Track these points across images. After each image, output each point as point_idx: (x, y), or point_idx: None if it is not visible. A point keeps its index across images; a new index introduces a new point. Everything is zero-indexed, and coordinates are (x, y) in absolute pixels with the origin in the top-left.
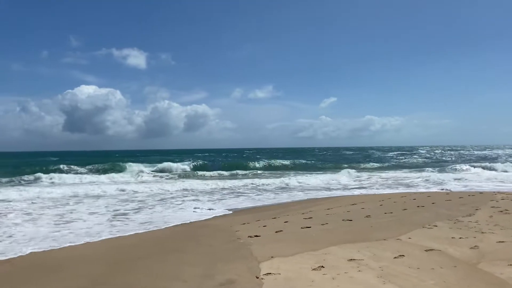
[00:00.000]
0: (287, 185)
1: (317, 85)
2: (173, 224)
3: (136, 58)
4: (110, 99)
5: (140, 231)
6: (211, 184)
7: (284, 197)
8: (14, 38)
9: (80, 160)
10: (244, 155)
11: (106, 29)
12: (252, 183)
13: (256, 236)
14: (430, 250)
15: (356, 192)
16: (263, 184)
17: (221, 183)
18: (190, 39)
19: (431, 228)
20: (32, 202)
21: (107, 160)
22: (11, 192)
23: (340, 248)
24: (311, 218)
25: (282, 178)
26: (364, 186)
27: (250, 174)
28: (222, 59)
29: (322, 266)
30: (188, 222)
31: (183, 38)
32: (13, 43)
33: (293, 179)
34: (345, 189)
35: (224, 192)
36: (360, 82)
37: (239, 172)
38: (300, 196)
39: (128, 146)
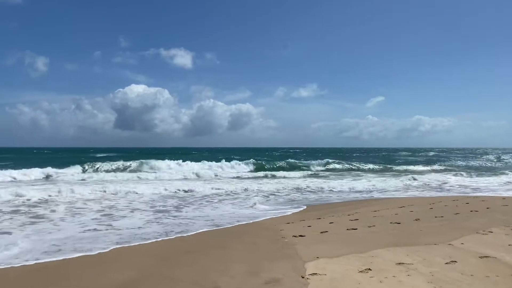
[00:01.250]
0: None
1: (363, 83)
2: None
3: (183, 58)
4: (158, 98)
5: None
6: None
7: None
8: (68, 39)
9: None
10: (304, 154)
11: (154, 29)
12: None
13: (301, 236)
14: (484, 257)
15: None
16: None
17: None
18: (234, 39)
19: (485, 234)
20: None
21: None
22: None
23: (388, 251)
24: (357, 220)
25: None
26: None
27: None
28: (266, 58)
29: (369, 269)
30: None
31: (228, 38)
32: (68, 44)
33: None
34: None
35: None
36: (409, 80)
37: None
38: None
39: (174, 143)
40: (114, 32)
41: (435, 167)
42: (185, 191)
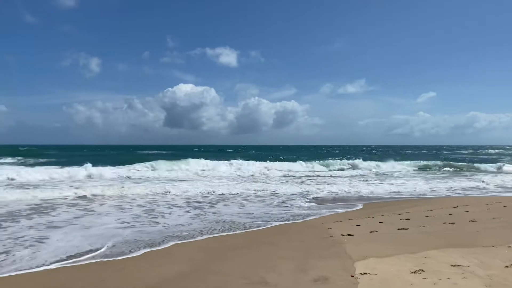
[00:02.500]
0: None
1: (414, 78)
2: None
3: (228, 57)
4: (205, 96)
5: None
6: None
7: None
8: (119, 40)
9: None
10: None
11: (199, 29)
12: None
13: (350, 234)
14: None
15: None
16: None
17: None
18: (279, 35)
19: None
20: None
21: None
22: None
23: (442, 252)
24: (408, 219)
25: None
26: None
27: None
28: (312, 54)
29: (422, 270)
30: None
31: (272, 35)
32: (118, 45)
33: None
34: None
35: None
36: (463, 74)
37: None
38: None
39: (220, 141)
40: (161, 32)
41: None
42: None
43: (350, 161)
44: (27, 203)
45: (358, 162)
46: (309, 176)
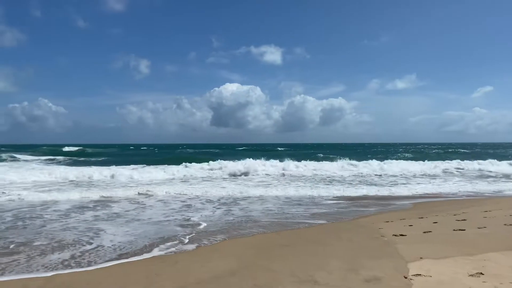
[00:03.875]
0: None
1: (468, 72)
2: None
3: (273, 54)
4: (251, 95)
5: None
6: None
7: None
8: (166, 42)
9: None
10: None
11: (243, 28)
12: None
13: (402, 235)
14: None
15: None
16: None
17: None
18: (324, 32)
19: None
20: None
21: None
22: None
23: (503, 255)
24: (464, 220)
25: None
26: None
27: None
28: (358, 49)
29: (481, 273)
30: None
31: (317, 32)
32: (166, 46)
33: None
34: None
35: None
36: None
37: None
38: None
39: (265, 139)
40: (206, 33)
41: None
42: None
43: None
44: (92, 200)
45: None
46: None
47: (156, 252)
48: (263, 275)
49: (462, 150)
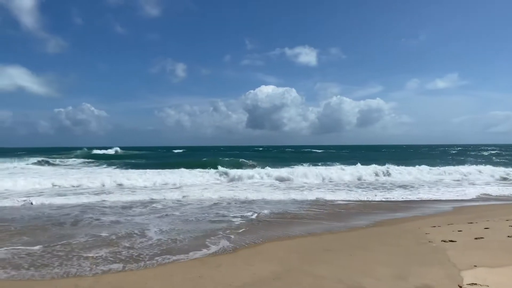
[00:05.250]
0: None
1: None
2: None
3: (307, 56)
4: (286, 97)
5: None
6: None
7: None
8: (201, 45)
9: None
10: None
11: (277, 29)
12: None
13: (451, 241)
14: None
15: None
16: None
17: None
18: (359, 31)
19: None
20: None
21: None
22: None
23: None
24: None
25: None
26: None
27: None
28: (395, 49)
29: None
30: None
31: (353, 30)
32: (201, 50)
33: None
34: None
35: None
36: None
37: None
38: None
39: (302, 141)
40: (240, 35)
41: None
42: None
43: None
44: (140, 203)
45: None
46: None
47: (198, 254)
48: (308, 280)
49: None
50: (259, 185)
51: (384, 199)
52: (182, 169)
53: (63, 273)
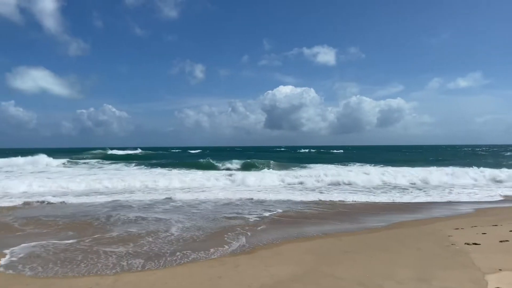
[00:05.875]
0: None
1: None
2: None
3: (326, 55)
4: (304, 97)
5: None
6: None
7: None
8: (219, 46)
9: None
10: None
11: (295, 29)
12: None
13: (475, 244)
14: None
15: None
16: None
17: None
18: (379, 28)
19: None
20: None
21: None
22: None
23: None
24: None
25: None
26: None
27: None
28: (417, 47)
29: None
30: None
31: (372, 29)
32: (220, 51)
33: None
34: None
35: None
36: None
37: None
38: None
39: (320, 142)
40: (257, 35)
41: None
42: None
43: None
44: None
45: None
46: None
47: (217, 253)
48: (328, 282)
49: None
50: (275, 185)
51: (405, 201)
52: (197, 170)
53: (85, 271)
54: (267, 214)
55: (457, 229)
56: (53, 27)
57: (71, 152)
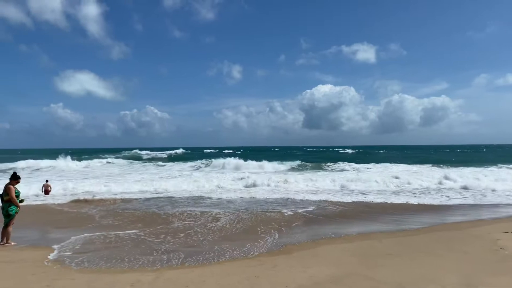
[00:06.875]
0: None
1: None
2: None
3: (366, 53)
4: (344, 96)
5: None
6: None
7: None
8: (256, 47)
9: None
10: None
11: (332, 27)
12: None
13: None
14: None
15: None
16: None
17: None
18: (421, 24)
19: None
20: None
21: None
22: None
23: None
24: None
25: None
26: None
27: None
28: (463, 42)
29: None
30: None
31: (413, 24)
32: (256, 51)
33: None
34: None
35: None
36: None
37: None
38: None
39: (361, 141)
40: (294, 35)
41: None
42: None
43: None
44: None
45: None
46: None
47: (254, 250)
48: (368, 285)
49: None
50: (310, 185)
51: (452, 203)
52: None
53: (127, 267)
54: (302, 211)
55: (507, 232)
56: (97, 31)
57: (115, 152)
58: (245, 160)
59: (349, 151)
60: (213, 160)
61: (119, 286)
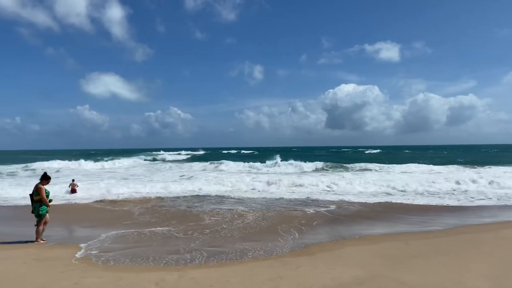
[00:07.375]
0: None
1: None
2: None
3: (389, 51)
4: (368, 95)
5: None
6: None
7: None
8: (277, 47)
9: None
10: None
11: (354, 25)
12: None
13: None
14: None
15: None
16: None
17: None
18: (446, 21)
19: None
20: None
21: None
22: None
23: None
24: None
25: None
26: None
27: None
28: (490, 39)
29: None
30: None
31: (438, 21)
32: (277, 51)
33: None
34: None
35: None
36: None
37: None
38: None
39: (385, 142)
40: (316, 34)
41: None
42: None
43: None
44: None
45: None
46: None
47: (276, 250)
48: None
49: None
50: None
51: (479, 204)
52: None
53: (152, 265)
54: (325, 210)
55: None
56: (121, 34)
57: (139, 152)
58: (263, 161)
59: (373, 151)
60: (230, 162)
61: (144, 284)
